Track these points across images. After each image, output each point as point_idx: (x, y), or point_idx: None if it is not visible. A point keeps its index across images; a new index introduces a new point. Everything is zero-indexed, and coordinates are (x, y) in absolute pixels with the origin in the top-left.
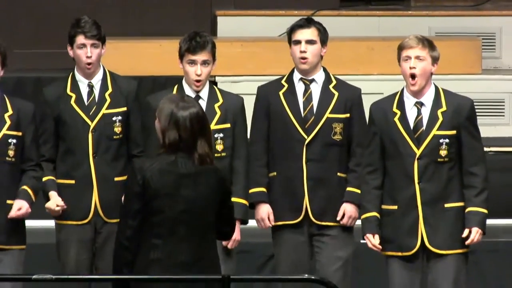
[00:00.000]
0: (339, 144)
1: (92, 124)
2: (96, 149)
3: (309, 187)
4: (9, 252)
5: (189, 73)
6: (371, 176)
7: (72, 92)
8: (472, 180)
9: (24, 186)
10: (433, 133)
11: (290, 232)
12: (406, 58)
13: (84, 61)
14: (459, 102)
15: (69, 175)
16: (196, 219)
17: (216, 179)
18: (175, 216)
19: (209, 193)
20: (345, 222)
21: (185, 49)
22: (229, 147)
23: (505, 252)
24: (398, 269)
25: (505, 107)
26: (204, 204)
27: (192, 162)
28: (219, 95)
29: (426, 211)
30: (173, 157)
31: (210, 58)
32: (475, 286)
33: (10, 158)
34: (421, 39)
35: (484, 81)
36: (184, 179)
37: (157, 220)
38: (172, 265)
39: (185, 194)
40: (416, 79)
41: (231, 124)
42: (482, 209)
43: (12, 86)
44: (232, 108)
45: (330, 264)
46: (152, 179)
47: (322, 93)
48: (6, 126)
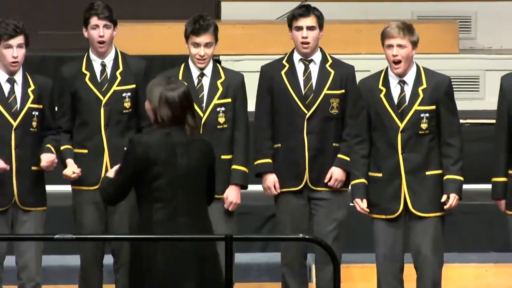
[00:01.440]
0: (336, 117)
1: (104, 100)
2: (108, 122)
3: (310, 157)
4: (32, 213)
5: (193, 53)
6: (359, 146)
7: (86, 70)
8: (449, 150)
9: (47, 144)
10: (414, 108)
11: (291, 197)
12: (389, 46)
13: (97, 39)
14: (438, 80)
15: (83, 145)
16: (192, 184)
17: (206, 148)
18: (172, 181)
19: (200, 159)
20: (331, 184)
21: (190, 32)
22: (230, 119)
23: (479, 213)
24: (382, 229)
25: (479, 83)
26: (197, 169)
27: (184, 133)
28: (221, 72)
29: (409, 179)
30: (167, 130)
31: (212, 40)
32: (453, 244)
33: (34, 129)
34: (401, 28)
35: (461, 60)
36: (178, 148)
37: (156, 186)
38: (173, 226)
39: (180, 162)
40: (399, 64)
41: (232, 99)
42: (459, 176)
43: (35, 65)
44: (233, 84)
45: (325, 225)
46: (150, 150)
47: (320, 72)
48: (30, 100)
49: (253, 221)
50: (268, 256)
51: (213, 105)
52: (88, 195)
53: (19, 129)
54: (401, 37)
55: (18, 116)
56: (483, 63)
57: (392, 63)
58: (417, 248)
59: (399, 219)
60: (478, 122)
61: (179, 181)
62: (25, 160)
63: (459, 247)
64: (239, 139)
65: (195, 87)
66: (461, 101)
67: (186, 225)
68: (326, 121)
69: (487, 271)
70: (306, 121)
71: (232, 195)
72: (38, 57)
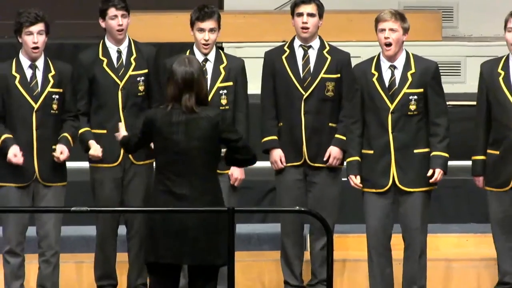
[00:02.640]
0: (331, 99)
1: (121, 84)
2: (125, 104)
3: (307, 135)
4: (52, 188)
5: (198, 39)
6: (354, 126)
7: (103, 56)
8: (436, 129)
9: (65, 133)
10: (403, 91)
11: (291, 172)
12: (382, 30)
13: (116, 28)
14: (425, 65)
15: (102, 126)
16: (193, 159)
17: (208, 124)
18: (172, 156)
19: (201, 136)
20: (330, 162)
21: (195, 18)
22: (231, 101)
23: (460, 188)
24: (373, 202)
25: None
26: (198, 145)
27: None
28: (223, 57)
29: (398, 156)
30: (168, 108)
31: (216, 26)
32: (437, 216)
33: (54, 111)
34: (394, 14)
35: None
36: (175, 127)
37: (160, 159)
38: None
39: (177, 138)
40: (390, 47)
41: (233, 82)
42: (444, 153)
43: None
44: (234, 69)
45: (321, 199)
46: (151, 125)
47: (317, 57)
48: (50, 84)
49: (254, 194)
50: (268, 226)
51: (216, 88)
52: (107, 172)
53: (39, 111)
54: (393, 21)
55: (39, 99)
56: (464, 49)
57: (383, 46)
58: (405, 220)
59: (388, 193)
60: (459, 104)
61: (179, 157)
62: (45, 140)
63: (442, 219)
64: (240, 119)
65: None
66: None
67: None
68: (322, 102)
69: (467, 240)
70: (304, 101)
71: (237, 172)
72: (56, 45)
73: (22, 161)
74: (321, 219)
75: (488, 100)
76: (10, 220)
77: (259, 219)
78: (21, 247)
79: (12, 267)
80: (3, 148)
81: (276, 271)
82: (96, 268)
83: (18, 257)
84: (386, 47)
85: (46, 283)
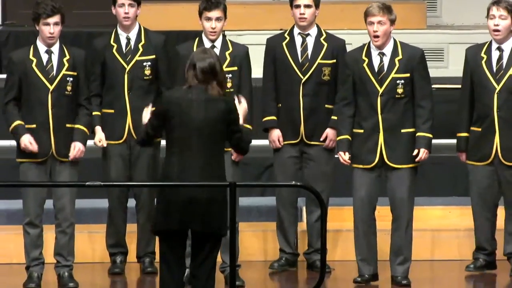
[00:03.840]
0: (327, 83)
1: (128, 68)
2: (130, 86)
3: (304, 115)
4: (67, 164)
5: (206, 27)
6: (346, 107)
7: (114, 42)
8: (420, 111)
9: (80, 125)
10: (391, 76)
11: (288, 150)
12: (371, 23)
13: (122, 15)
14: (412, 52)
15: (110, 106)
16: (206, 135)
17: (225, 107)
18: (188, 131)
19: (216, 116)
20: (327, 144)
21: (203, 8)
22: (236, 84)
23: (444, 164)
24: (360, 177)
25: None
26: (212, 124)
27: (204, 92)
28: (229, 44)
29: (386, 135)
30: (189, 88)
31: (222, 15)
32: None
33: (68, 92)
34: (381, 8)
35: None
36: (195, 103)
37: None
38: (187, 167)
39: (196, 115)
40: (378, 38)
41: (238, 67)
42: (428, 134)
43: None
44: (239, 55)
45: (315, 174)
46: (171, 103)
47: (315, 44)
48: (65, 67)
49: (254, 170)
50: (266, 200)
51: None
52: (115, 148)
53: (55, 92)
54: (381, 15)
55: (54, 81)
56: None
57: (372, 37)
58: (394, 194)
59: (375, 169)
60: (442, 87)
61: (194, 132)
62: (60, 119)
63: (427, 192)
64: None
65: None
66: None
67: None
68: (319, 85)
69: (450, 212)
70: (302, 85)
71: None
72: (72, 33)
73: (37, 148)
74: (315, 193)
75: (471, 82)
76: (29, 194)
77: (258, 193)
78: (39, 219)
79: (32, 237)
80: (15, 134)
81: (273, 240)
82: (107, 237)
83: (37, 228)
84: (375, 39)
85: (62, 251)
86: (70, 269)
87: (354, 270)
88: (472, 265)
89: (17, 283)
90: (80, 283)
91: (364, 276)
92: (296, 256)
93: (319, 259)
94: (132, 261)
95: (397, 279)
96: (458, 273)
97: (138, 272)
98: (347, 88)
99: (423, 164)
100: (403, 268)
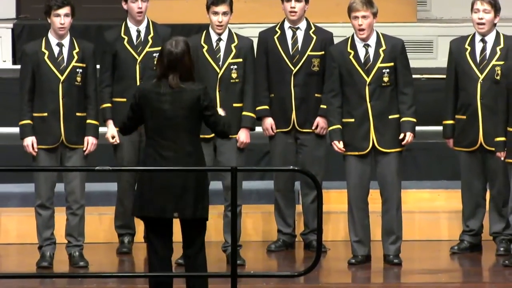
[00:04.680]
0: (317, 73)
1: (139, 59)
2: (142, 76)
3: (296, 104)
4: (76, 150)
5: (213, 20)
6: (334, 99)
7: (125, 35)
8: (404, 98)
9: (91, 120)
10: (377, 65)
11: (282, 137)
12: (355, 17)
13: (136, 10)
14: (394, 42)
15: (121, 95)
16: (178, 125)
17: (193, 97)
18: (160, 122)
19: (186, 106)
20: (318, 131)
21: (210, 3)
22: (241, 75)
23: (433, 149)
24: (354, 164)
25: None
26: (182, 113)
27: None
28: (235, 37)
29: (376, 122)
30: (157, 81)
31: (228, 10)
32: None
33: (78, 83)
34: (364, 3)
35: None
36: (163, 97)
37: (149, 125)
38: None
39: (165, 107)
40: (363, 31)
41: (243, 59)
42: (412, 118)
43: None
44: (244, 47)
45: (309, 160)
46: (141, 96)
47: (304, 37)
48: (75, 59)
49: (253, 156)
50: (265, 183)
51: (228, 64)
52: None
53: (65, 82)
54: (364, 10)
55: (64, 72)
56: (436, 30)
57: (358, 31)
58: (384, 177)
59: (368, 155)
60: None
61: (166, 123)
62: (70, 107)
63: (416, 176)
64: (248, 91)
65: (214, 48)
66: (419, 60)
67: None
68: (308, 76)
69: (439, 195)
70: (293, 76)
71: (243, 136)
72: (82, 26)
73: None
74: (311, 176)
75: (456, 72)
76: (40, 178)
77: (257, 177)
78: (50, 201)
79: (44, 219)
80: (20, 132)
81: (271, 221)
82: (116, 219)
83: (49, 210)
84: (360, 32)
85: (73, 232)
86: (80, 249)
87: (346, 250)
88: (456, 246)
89: (31, 262)
90: (90, 262)
91: (358, 257)
92: (293, 237)
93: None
94: (139, 241)
95: (389, 258)
96: (446, 252)
97: (145, 252)
98: (333, 80)
99: (413, 150)
100: (395, 247)
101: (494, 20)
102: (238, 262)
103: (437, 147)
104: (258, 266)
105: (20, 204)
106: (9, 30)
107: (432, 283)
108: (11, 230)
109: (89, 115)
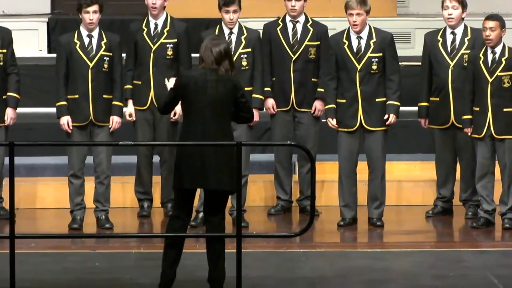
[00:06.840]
0: (313, 60)
1: (153, 48)
2: (155, 64)
3: (295, 87)
4: (104, 127)
5: (225, 18)
6: (330, 81)
7: (145, 27)
8: (390, 84)
9: (116, 102)
10: (368, 55)
11: (282, 115)
12: (350, 14)
13: (150, 5)
14: (384, 35)
15: (139, 78)
16: (217, 108)
17: (232, 85)
18: (204, 105)
19: (226, 92)
20: (316, 114)
21: (223, 4)
22: (250, 63)
23: (411, 127)
24: (344, 139)
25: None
26: (222, 99)
27: (216, 73)
28: (244, 30)
29: (364, 104)
30: (204, 70)
31: (237, 8)
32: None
33: (105, 69)
34: (358, 2)
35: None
36: (209, 83)
37: (193, 106)
38: (202, 135)
39: (209, 92)
40: (357, 26)
41: (251, 48)
42: (396, 102)
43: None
44: (252, 39)
45: (305, 136)
46: (189, 81)
47: (303, 29)
48: (103, 49)
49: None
50: (266, 156)
51: (239, 53)
52: (141, 113)
53: (94, 68)
54: (358, 8)
55: (93, 60)
56: (413, 23)
57: (352, 25)
58: (370, 151)
59: (356, 132)
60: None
61: (208, 105)
62: (98, 90)
63: (396, 150)
64: (257, 77)
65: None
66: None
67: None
68: (306, 63)
69: (415, 166)
70: (293, 62)
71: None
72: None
73: (70, 132)
74: (306, 150)
75: (430, 60)
76: (73, 151)
77: (259, 151)
78: (81, 172)
79: (75, 187)
80: (57, 112)
81: (272, 189)
82: (136, 187)
83: (79, 179)
84: (354, 27)
85: (100, 198)
86: (106, 213)
87: (336, 214)
88: (431, 211)
89: (63, 224)
90: (115, 224)
91: (346, 219)
92: (290, 203)
93: (309, 204)
94: (156, 206)
95: (373, 221)
96: (421, 215)
97: (162, 215)
98: (330, 65)
99: (394, 127)
100: (378, 211)
101: (462, 15)
102: (243, 224)
103: (415, 125)
104: (260, 228)
105: (55, 174)
106: (44, 24)
107: (410, 242)
108: (47, 197)
109: (114, 97)
